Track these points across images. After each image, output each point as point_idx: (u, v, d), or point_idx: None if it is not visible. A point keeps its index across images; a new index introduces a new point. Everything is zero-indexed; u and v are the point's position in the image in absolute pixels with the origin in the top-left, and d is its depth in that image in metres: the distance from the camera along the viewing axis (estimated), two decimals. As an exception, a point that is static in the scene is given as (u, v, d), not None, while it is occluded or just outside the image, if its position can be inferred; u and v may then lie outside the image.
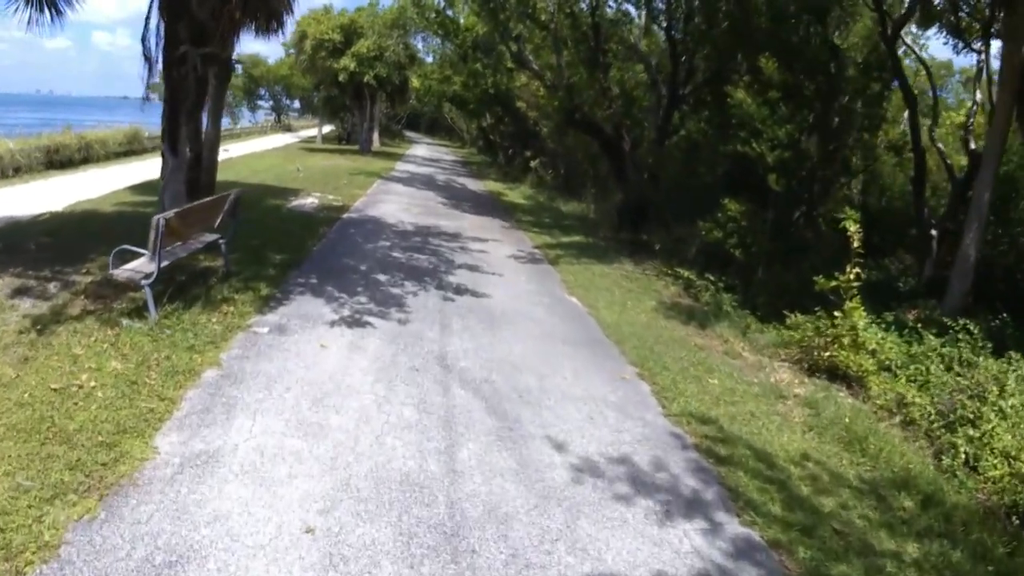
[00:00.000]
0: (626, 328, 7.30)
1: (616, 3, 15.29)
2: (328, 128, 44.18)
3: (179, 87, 7.66)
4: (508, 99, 24.70)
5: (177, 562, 2.93)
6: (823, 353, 6.64)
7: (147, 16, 8.01)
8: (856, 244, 6.69)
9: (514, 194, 22.18)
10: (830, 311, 6.77)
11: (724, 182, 12.42)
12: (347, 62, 28.36)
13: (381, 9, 29.89)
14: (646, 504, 3.88)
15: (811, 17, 10.74)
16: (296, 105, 57.27)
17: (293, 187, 16.49)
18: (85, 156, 19.54)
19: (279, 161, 23.95)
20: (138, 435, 3.86)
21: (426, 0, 20.02)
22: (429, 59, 30.78)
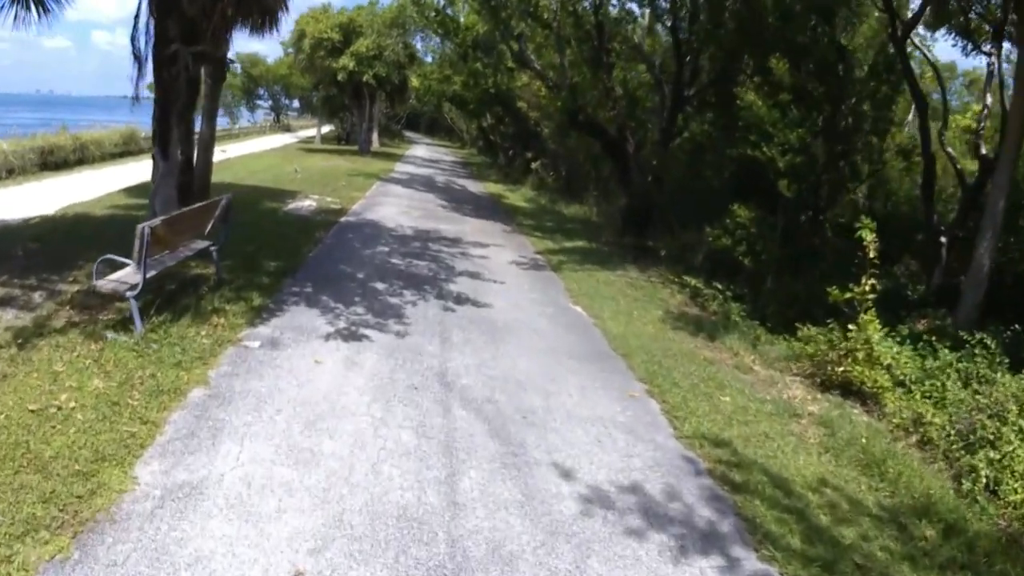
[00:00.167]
0: (633, 340, 7.06)
1: (620, 1, 15.05)
2: (327, 128, 43.98)
3: (170, 87, 7.41)
4: (509, 99, 24.48)
5: (153, 613, 2.69)
6: (836, 368, 6.38)
7: (136, 14, 7.76)
8: (872, 254, 6.44)
9: (515, 196, 21.92)
10: (842, 323, 6.52)
11: (730, 186, 12.21)
12: (346, 61, 28.16)
13: (380, 8, 29.78)
14: (659, 539, 3.64)
15: (819, 17, 10.51)
16: (295, 105, 57.07)
17: (290, 189, 16.28)
18: (80, 157, 19.34)
19: (277, 162, 23.73)
20: (117, 463, 3.61)
21: (426, -1, 19.86)
22: (428, 58, 30.62)
